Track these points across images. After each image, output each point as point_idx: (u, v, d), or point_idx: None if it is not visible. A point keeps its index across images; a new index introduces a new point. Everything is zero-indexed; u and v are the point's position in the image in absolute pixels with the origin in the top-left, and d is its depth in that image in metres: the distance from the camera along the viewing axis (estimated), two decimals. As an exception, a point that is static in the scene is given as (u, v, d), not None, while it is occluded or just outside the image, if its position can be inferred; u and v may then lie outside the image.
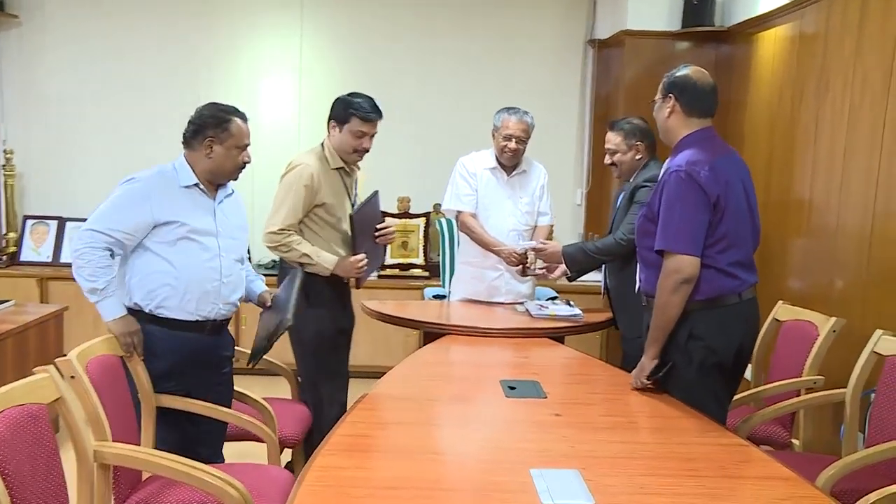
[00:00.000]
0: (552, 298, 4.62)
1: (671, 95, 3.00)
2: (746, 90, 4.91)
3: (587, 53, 6.27)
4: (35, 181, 6.28)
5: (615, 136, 3.97)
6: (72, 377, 2.45)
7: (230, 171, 3.12)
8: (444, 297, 5.04)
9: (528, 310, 4.14)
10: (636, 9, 5.45)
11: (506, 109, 4.28)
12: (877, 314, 3.50)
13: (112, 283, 2.95)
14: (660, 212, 2.92)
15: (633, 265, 3.31)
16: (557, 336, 3.88)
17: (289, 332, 3.57)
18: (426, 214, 6.19)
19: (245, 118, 3.11)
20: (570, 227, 6.29)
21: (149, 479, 2.79)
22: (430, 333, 3.90)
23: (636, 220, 3.16)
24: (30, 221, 6.17)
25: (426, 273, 6.08)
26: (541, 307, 4.16)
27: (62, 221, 6.16)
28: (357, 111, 3.65)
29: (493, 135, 4.31)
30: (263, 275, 3.75)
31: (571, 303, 4.27)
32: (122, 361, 2.92)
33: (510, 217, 4.35)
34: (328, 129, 3.76)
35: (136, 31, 6.16)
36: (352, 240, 3.70)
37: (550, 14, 6.25)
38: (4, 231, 6.17)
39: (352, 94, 3.74)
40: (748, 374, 3.93)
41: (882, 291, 3.51)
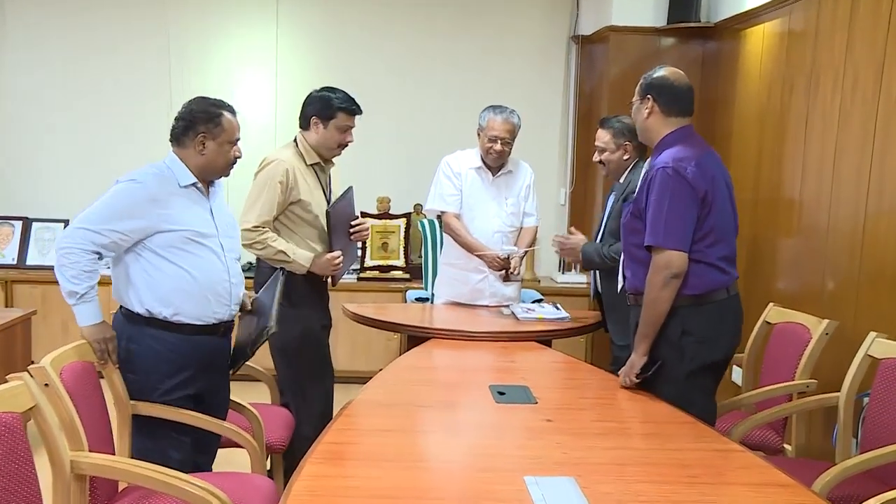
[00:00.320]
0: (538, 301, 4.57)
1: (649, 96, 3.04)
2: (734, 87, 4.89)
3: (571, 49, 6.22)
4: (-1, 181, 6.16)
5: (605, 134, 3.89)
6: (45, 385, 2.35)
7: (222, 167, 3.02)
8: (427, 300, 4.98)
9: (514, 313, 4.07)
10: (621, 4, 5.40)
11: (491, 108, 4.16)
12: (869, 316, 3.47)
13: (94, 289, 2.83)
14: (647, 209, 2.95)
15: None
16: (544, 339, 3.82)
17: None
18: (407, 215, 6.11)
19: (234, 112, 3.02)
20: (554, 228, 6.18)
21: (126, 490, 2.71)
22: (414, 337, 3.84)
23: (622, 218, 3.18)
24: (-7, 222, 6.05)
25: (407, 275, 6.01)
26: (527, 310, 4.09)
27: (27, 222, 6.02)
28: (343, 106, 3.63)
29: (479, 134, 4.22)
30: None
31: (558, 305, 4.21)
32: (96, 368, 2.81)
33: (495, 218, 4.26)
34: (308, 126, 3.70)
35: (103, 28, 6.03)
36: (328, 236, 3.66)
37: (533, 9, 6.19)
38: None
39: (328, 89, 3.70)
40: (738, 379, 3.90)
41: (874, 293, 3.48)
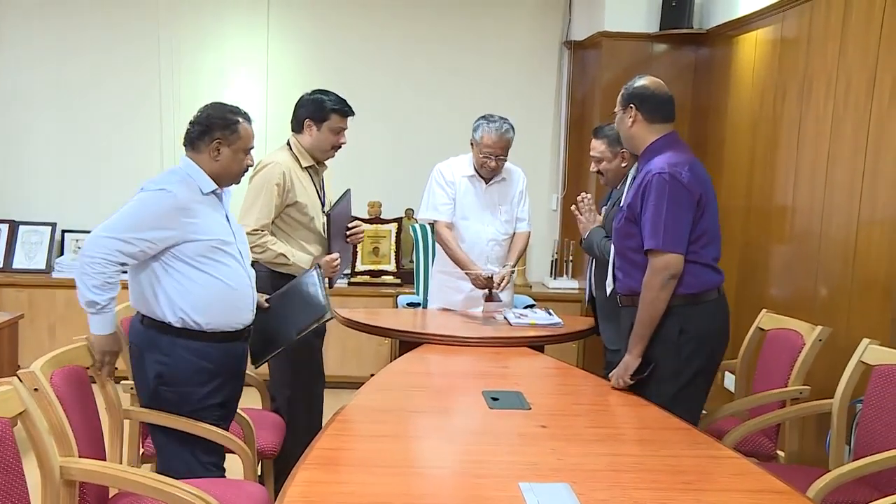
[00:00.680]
0: (530, 306, 4.56)
1: (632, 105, 3.12)
2: (727, 94, 4.89)
3: (563, 55, 6.22)
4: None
5: (600, 144, 3.85)
6: (35, 390, 2.31)
7: (235, 175, 2.99)
8: (419, 305, 4.96)
9: (507, 318, 4.05)
10: (613, 10, 5.40)
11: (485, 121, 4.09)
12: (861, 323, 3.48)
13: (114, 301, 2.79)
14: (643, 213, 3.01)
15: None
16: (537, 345, 3.80)
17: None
18: (398, 220, 6.09)
19: (250, 120, 2.99)
20: (546, 234, 6.22)
21: (117, 496, 2.68)
22: (405, 342, 3.82)
23: (615, 222, 3.22)
24: (-22, 225, 5.99)
25: (398, 280, 5.98)
26: (520, 315, 4.08)
27: (14, 225, 5.97)
28: (336, 107, 3.64)
29: (472, 145, 4.18)
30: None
31: (550, 311, 4.20)
32: (88, 373, 2.77)
33: (489, 227, 4.25)
34: (300, 129, 3.70)
35: (93, 29, 6.00)
36: (327, 239, 3.65)
37: (525, 14, 6.19)
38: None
39: (320, 92, 3.71)
40: (731, 385, 3.90)
41: (867, 299, 3.48)
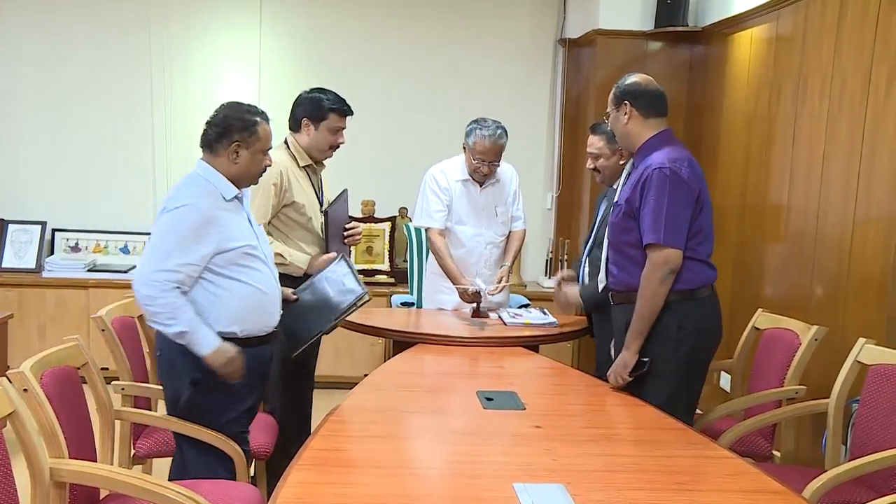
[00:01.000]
0: (524, 306, 4.54)
1: (626, 102, 3.12)
2: (722, 92, 4.88)
3: (558, 53, 6.19)
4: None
5: (598, 140, 3.79)
6: (24, 390, 2.29)
7: (254, 176, 2.95)
8: (413, 305, 4.94)
9: (501, 318, 4.03)
10: (608, 7, 5.38)
11: (478, 126, 4.04)
12: (857, 322, 3.47)
13: (194, 318, 2.73)
14: (643, 208, 3.01)
15: None
16: (532, 345, 3.79)
17: None
18: (392, 219, 6.07)
19: (268, 119, 2.93)
20: (541, 233, 6.20)
21: (107, 497, 2.66)
22: (399, 342, 3.80)
23: (611, 217, 3.22)
24: (-32, 224, 5.95)
25: (392, 279, 5.96)
26: (514, 315, 4.06)
27: (3, 224, 5.93)
28: (335, 107, 3.60)
29: (465, 148, 4.14)
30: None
31: (545, 310, 4.18)
32: (79, 373, 2.74)
33: (486, 230, 4.23)
34: (298, 128, 3.65)
35: (83, 26, 5.95)
36: (325, 237, 3.62)
37: (520, 12, 6.16)
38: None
39: (318, 91, 3.66)
40: (727, 385, 3.89)
41: (862, 299, 3.48)
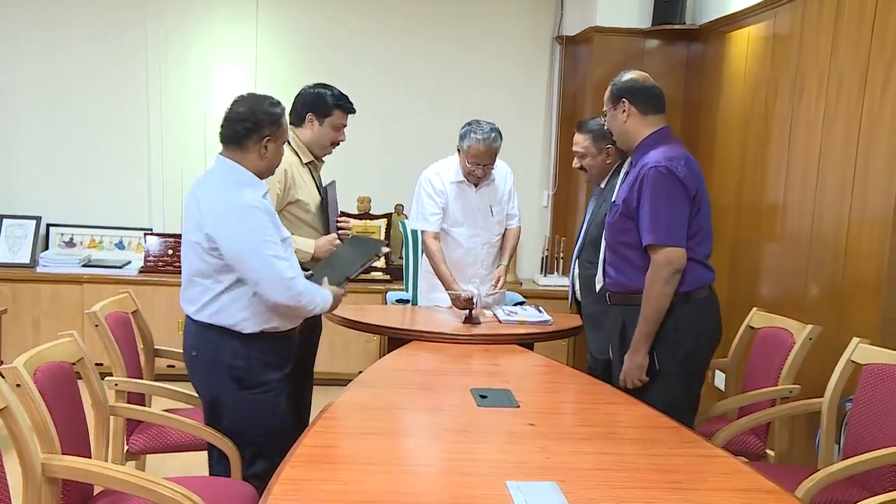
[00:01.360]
0: (520, 303, 4.54)
1: (624, 100, 3.07)
2: (718, 90, 4.89)
3: (555, 50, 6.19)
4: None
5: (583, 139, 3.73)
6: (17, 385, 2.28)
7: (273, 169, 2.95)
8: (408, 302, 4.94)
9: (496, 315, 4.03)
10: (605, 5, 5.39)
11: (472, 129, 4.00)
12: (851, 321, 3.48)
13: (314, 287, 2.91)
14: (640, 208, 2.97)
15: None
16: (526, 342, 3.78)
17: None
18: (387, 215, 6.06)
19: (284, 108, 2.93)
20: (537, 231, 6.20)
21: (101, 494, 2.65)
22: (394, 339, 3.80)
23: (608, 217, 3.18)
24: (-36, 220, 5.93)
25: (387, 276, 5.95)
26: (509, 313, 4.05)
27: (-2, 219, 5.94)
28: (340, 103, 3.56)
29: (459, 150, 4.12)
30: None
31: (540, 308, 4.17)
32: (74, 369, 2.73)
33: (483, 230, 4.23)
34: (301, 122, 3.59)
35: (79, 20, 5.94)
36: (324, 217, 3.61)
37: (517, 9, 6.16)
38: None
39: (322, 86, 3.62)
40: (722, 384, 3.89)
41: (857, 298, 3.48)
